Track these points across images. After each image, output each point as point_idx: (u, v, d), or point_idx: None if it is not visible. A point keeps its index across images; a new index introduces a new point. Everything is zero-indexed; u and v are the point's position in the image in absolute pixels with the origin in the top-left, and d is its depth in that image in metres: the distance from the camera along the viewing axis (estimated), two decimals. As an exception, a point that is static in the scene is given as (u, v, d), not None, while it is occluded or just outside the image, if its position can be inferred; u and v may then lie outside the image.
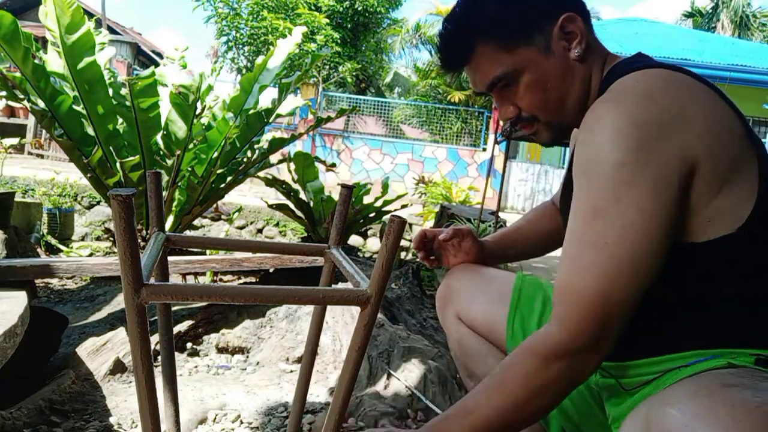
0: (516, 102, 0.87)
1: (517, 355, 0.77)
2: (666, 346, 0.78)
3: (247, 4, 12.73)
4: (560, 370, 0.73)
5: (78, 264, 2.01)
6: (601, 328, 0.71)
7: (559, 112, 0.86)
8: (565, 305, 0.74)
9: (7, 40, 2.13)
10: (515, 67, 0.83)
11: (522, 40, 0.83)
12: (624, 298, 0.71)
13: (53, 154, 9.09)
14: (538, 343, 0.75)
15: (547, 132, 0.89)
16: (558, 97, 0.85)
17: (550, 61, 0.83)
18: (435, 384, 1.69)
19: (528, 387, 0.74)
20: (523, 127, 0.90)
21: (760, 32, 19.49)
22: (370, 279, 0.69)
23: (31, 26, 8.60)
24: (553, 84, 0.84)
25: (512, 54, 0.83)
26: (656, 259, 0.71)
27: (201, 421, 1.56)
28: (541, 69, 0.83)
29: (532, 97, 0.85)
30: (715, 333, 0.75)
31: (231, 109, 2.65)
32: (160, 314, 1.02)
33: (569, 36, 0.83)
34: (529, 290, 1.07)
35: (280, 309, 2.35)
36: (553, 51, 0.83)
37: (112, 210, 0.55)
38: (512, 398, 0.75)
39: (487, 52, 0.84)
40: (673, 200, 0.70)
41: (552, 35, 0.83)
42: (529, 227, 1.23)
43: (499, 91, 0.87)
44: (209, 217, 5.82)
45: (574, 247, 0.75)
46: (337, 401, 0.73)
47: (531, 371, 0.74)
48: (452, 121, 12.26)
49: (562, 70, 0.84)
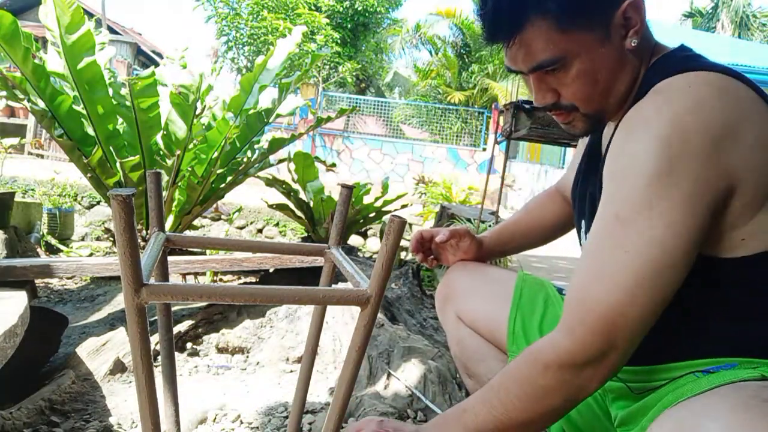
0: (558, 88, 0.79)
1: (520, 361, 0.75)
2: (683, 353, 0.76)
3: (247, 4, 12.73)
4: (563, 381, 0.70)
5: (78, 264, 2.01)
6: (611, 343, 0.68)
7: (602, 104, 0.80)
8: (577, 314, 0.70)
9: (7, 40, 2.13)
10: (568, 52, 0.74)
11: (582, 23, 0.73)
12: (639, 314, 0.67)
13: (53, 154, 9.09)
14: (544, 350, 0.72)
15: (584, 123, 0.82)
16: (605, 89, 0.78)
17: (605, 49, 0.75)
18: (435, 384, 1.69)
19: (527, 395, 0.72)
20: (557, 115, 0.83)
21: (760, 32, 19.49)
22: (370, 279, 0.69)
23: (31, 26, 8.59)
24: (604, 75, 0.77)
25: (568, 37, 0.74)
26: (678, 277, 0.68)
27: (201, 421, 1.56)
28: (595, 57, 0.75)
29: (579, 86, 0.77)
30: (744, 344, 0.72)
31: (231, 109, 2.65)
32: (160, 314, 1.01)
33: (628, 23, 0.75)
34: (531, 290, 1.06)
35: (280, 309, 2.35)
36: (611, 38, 0.75)
37: (112, 210, 0.55)
38: (510, 405, 0.73)
39: (540, 29, 0.74)
40: (705, 218, 0.66)
41: (613, 21, 0.74)
42: (529, 218, 1.20)
43: (541, 75, 0.79)
44: (209, 217, 5.82)
45: (595, 253, 0.72)
46: (337, 401, 0.73)
47: (532, 379, 0.72)
48: (452, 121, 12.26)
49: (616, 61, 0.76)
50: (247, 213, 6.08)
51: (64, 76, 2.50)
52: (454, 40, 13.17)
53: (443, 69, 12.91)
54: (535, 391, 0.72)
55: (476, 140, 12.01)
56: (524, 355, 0.75)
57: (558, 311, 1.03)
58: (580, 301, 0.71)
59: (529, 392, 0.72)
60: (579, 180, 0.96)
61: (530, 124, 3.37)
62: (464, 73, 12.69)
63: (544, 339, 0.75)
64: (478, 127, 12.10)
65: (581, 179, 0.94)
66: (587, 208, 0.88)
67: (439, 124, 12.38)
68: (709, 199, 0.66)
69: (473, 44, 12.60)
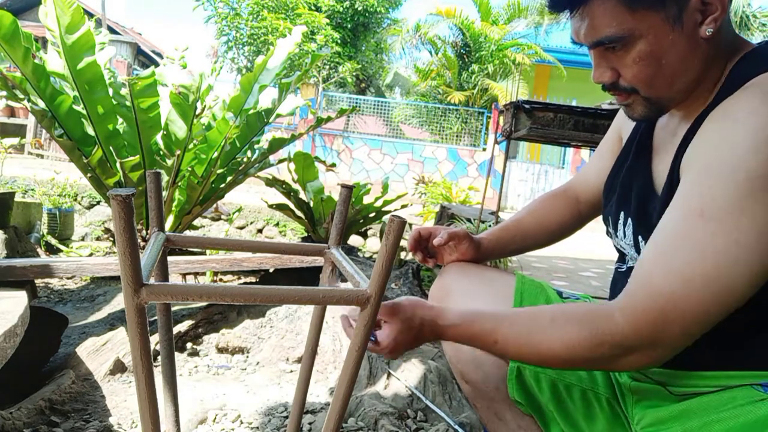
0: (619, 68, 0.76)
1: (573, 313, 0.74)
2: (740, 363, 0.72)
3: (247, 4, 12.73)
4: (603, 354, 0.69)
5: (78, 264, 2.01)
6: (661, 337, 0.66)
7: (664, 91, 0.76)
8: (639, 297, 0.68)
9: (7, 40, 2.13)
10: (633, 31, 0.71)
11: (652, 2, 0.70)
12: (698, 316, 0.64)
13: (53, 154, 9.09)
14: (597, 317, 0.71)
15: (643, 107, 0.78)
16: (669, 76, 0.74)
17: (675, 33, 0.71)
18: (435, 384, 1.69)
19: (562, 347, 0.72)
20: (616, 95, 0.80)
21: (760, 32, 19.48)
22: (370, 279, 0.69)
23: (31, 26, 8.60)
24: (670, 60, 0.72)
25: (635, 15, 0.70)
26: (749, 289, 0.63)
27: (201, 421, 1.56)
28: (663, 41, 0.71)
29: (641, 69, 0.74)
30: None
31: (231, 109, 2.65)
32: (160, 314, 1.01)
33: (707, 9, 0.71)
34: (531, 293, 1.03)
35: (280, 309, 2.35)
36: (682, 22, 0.71)
37: (111, 210, 0.55)
38: (544, 345, 0.73)
39: (607, 3, 0.71)
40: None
41: (688, 4, 0.70)
42: (531, 219, 1.17)
43: (602, 52, 0.76)
44: (209, 217, 5.82)
45: (670, 244, 0.67)
46: (337, 401, 0.73)
47: (573, 338, 0.71)
48: (452, 121, 12.26)
49: (685, 47, 0.72)
50: (247, 213, 6.07)
51: (64, 76, 2.50)
52: (454, 40, 13.17)
53: (443, 69, 12.90)
54: (568, 346, 0.72)
55: (476, 140, 12.01)
56: (578, 310, 0.75)
57: None
58: (644, 285, 0.68)
59: (563, 344, 0.72)
60: (620, 171, 0.92)
61: (530, 124, 3.37)
62: (464, 73, 12.69)
63: (601, 305, 0.74)
64: (478, 127, 12.10)
65: (625, 171, 0.91)
66: (633, 200, 0.85)
67: (439, 124, 12.38)
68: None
69: (473, 44, 12.60)
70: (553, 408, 0.94)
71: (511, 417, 1.00)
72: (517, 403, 0.98)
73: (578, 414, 0.93)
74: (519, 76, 11.24)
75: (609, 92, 0.80)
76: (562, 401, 0.93)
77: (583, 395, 0.92)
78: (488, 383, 1.01)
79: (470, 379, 1.04)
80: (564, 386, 0.93)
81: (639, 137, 0.91)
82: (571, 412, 0.93)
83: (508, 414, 1.00)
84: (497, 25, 12.50)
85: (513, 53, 12.05)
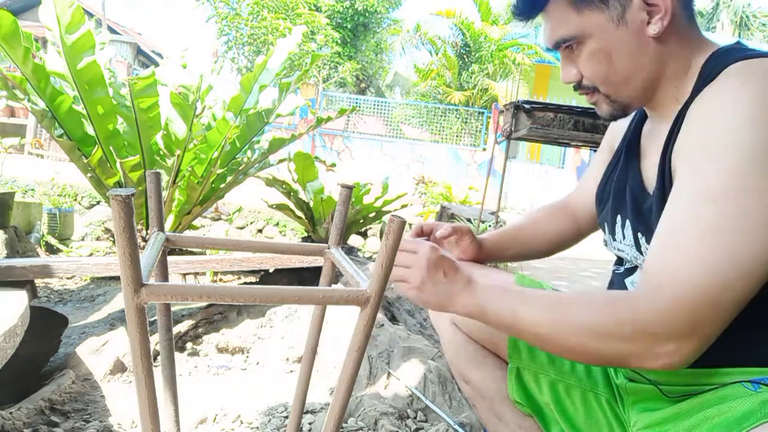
0: (579, 67, 0.82)
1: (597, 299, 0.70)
2: (734, 359, 0.72)
3: (247, 4, 12.73)
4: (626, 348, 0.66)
5: (78, 264, 2.01)
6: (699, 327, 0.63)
7: (622, 88, 0.80)
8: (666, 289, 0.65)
9: (7, 39, 2.13)
10: (581, 31, 0.78)
11: (596, 3, 0.76)
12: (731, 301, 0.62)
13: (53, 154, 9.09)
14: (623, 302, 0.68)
15: (607, 105, 0.84)
16: (623, 72, 0.79)
17: (620, 32, 0.76)
18: (435, 384, 1.69)
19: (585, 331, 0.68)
20: (584, 94, 0.85)
21: (760, 32, 19.48)
22: (370, 279, 0.69)
23: (31, 26, 8.59)
24: (619, 57, 0.77)
25: (581, 15, 0.77)
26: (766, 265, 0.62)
27: (201, 421, 1.56)
28: (609, 39, 0.77)
29: (594, 66, 0.80)
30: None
31: (231, 109, 2.65)
32: (160, 314, 1.01)
33: (652, 9, 0.75)
34: None
35: (280, 309, 2.35)
36: (627, 22, 0.76)
37: (111, 210, 0.55)
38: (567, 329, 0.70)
39: (559, 6, 0.79)
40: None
41: (631, 4, 0.75)
42: (532, 228, 1.18)
43: (564, 52, 0.83)
44: (209, 217, 5.82)
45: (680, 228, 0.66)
46: (337, 401, 0.73)
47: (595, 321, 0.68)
48: (452, 121, 12.26)
49: (633, 45, 0.77)
50: (247, 213, 6.08)
51: (64, 76, 2.50)
52: (454, 40, 13.17)
53: (443, 69, 12.91)
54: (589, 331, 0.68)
55: (476, 140, 12.01)
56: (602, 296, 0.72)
57: None
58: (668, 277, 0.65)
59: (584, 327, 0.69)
60: (611, 178, 0.94)
61: (530, 124, 3.37)
62: (464, 73, 12.69)
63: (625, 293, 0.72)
64: (478, 127, 12.10)
65: (616, 177, 0.92)
66: (628, 202, 0.86)
67: (439, 124, 12.38)
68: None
69: (473, 44, 12.60)
70: (553, 409, 0.94)
71: (511, 418, 1.00)
72: (516, 404, 0.98)
73: (578, 415, 0.93)
74: (519, 76, 11.24)
75: (578, 92, 0.85)
76: (561, 402, 0.94)
77: (583, 396, 0.92)
78: (488, 383, 1.02)
79: (470, 379, 1.05)
80: (564, 387, 0.94)
81: (627, 144, 0.93)
82: (571, 413, 0.93)
83: (508, 414, 1.01)
84: (497, 25, 12.50)
85: (513, 53, 12.06)
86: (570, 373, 0.94)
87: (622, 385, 0.89)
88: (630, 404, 0.87)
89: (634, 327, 0.65)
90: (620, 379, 0.90)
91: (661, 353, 0.65)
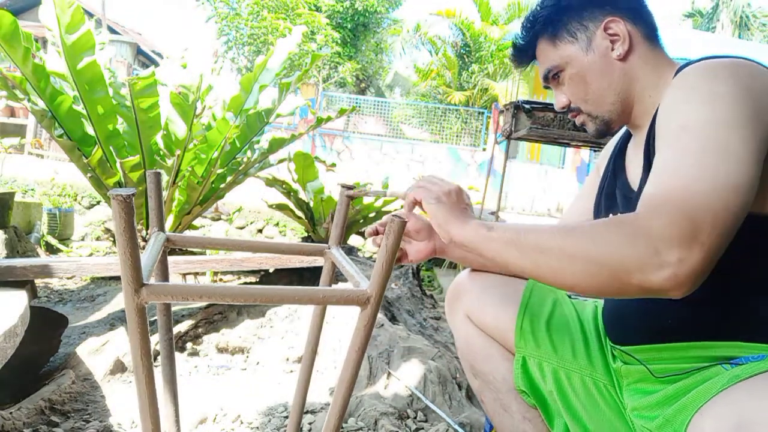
0: (565, 92, 0.97)
1: (600, 220, 0.72)
2: (714, 333, 0.78)
3: (247, 4, 12.74)
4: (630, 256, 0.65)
5: (78, 264, 2.01)
6: (699, 232, 0.63)
7: (599, 106, 0.93)
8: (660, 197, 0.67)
9: (7, 39, 2.13)
10: (560, 60, 0.94)
11: (567, 38, 0.93)
12: (722, 208, 0.64)
13: (53, 154, 9.08)
14: (626, 217, 0.69)
15: (591, 123, 0.96)
16: (598, 90, 0.92)
17: (589, 57, 0.92)
18: (435, 384, 1.69)
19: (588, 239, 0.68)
20: (572, 116, 0.99)
21: (760, 32, 19.48)
22: (370, 279, 0.69)
23: (31, 26, 8.59)
24: (592, 78, 0.92)
25: (558, 48, 0.94)
26: (751, 190, 0.67)
27: (201, 421, 1.56)
28: (581, 64, 0.92)
29: (573, 89, 0.95)
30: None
31: (231, 109, 2.65)
32: (160, 314, 1.01)
33: (613, 38, 0.91)
34: (541, 291, 1.07)
35: (280, 309, 2.35)
36: (594, 48, 0.92)
37: (112, 210, 0.55)
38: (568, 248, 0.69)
39: (542, 47, 0.97)
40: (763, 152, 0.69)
41: (595, 35, 0.91)
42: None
43: (553, 82, 0.98)
44: (209, 217, 5.82)
45: (667, 163, 0.71)
46: (337, 401, 0.73)
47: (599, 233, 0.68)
48: (452, 121, 12.26)
49: (601, 67, 0.91)
50: (247, 213, 6.07)
51: (64, 76, 2.50)
52: (454, 40, 13.18)
53: (443, 69, 12.91)
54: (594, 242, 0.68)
55: (476, 140, 12.01)
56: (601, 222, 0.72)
57: (566, 312, 1.05)
58: (660, 188, 0.68)
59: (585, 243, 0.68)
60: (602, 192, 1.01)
61: (530, 124, 3.37)
62: (464, 73, 12.70)
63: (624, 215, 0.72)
64: (478, 127, 12.10)
65: (605, 188, 1.00)
66: (619, 202, 0.95)
67: (439, 124, 12.38)
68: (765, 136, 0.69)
69: (473, 44, 12.60)
70: (556, 397, 0.99)
71: (516, 408, 1.06)
72: (522, 393, 1.04)
73: (579, 402, 0.98)
74: (519, 76, 11.24)
75: (569, 116, 0.99)
76: (563, 389, 0.99)
77: (583, 383, 0.98)
78: (496, 374, 1.07)
79: (479, 371, 1.10)
80: (566, 374, 0.99)
81: (614, 160, 1.01)
82: (573, 401, 0.98)
83: (514, 405, 1.06)
84: (497, 25, 12.50)
85: (513, 53, 12.03)
86: (572, 360, 0.99)
87: (617, 369, 0.94)
88: (625, 387, 0.92)
89: (636, 232, 0.65)
90: (616, 363, 0.95)
91: (667, 262, 0.63)
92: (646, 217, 0.66)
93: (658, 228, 0.64)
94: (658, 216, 0.65)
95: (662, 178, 0.70)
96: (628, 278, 0.65)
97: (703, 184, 0.66)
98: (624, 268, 0.65)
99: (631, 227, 0.66)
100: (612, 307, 0.96)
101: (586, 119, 0.96)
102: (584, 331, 1.02)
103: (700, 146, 0.69)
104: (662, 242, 0.64)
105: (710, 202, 0.65)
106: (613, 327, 0.95)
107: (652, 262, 0.64)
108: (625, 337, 0.91)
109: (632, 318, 0.89)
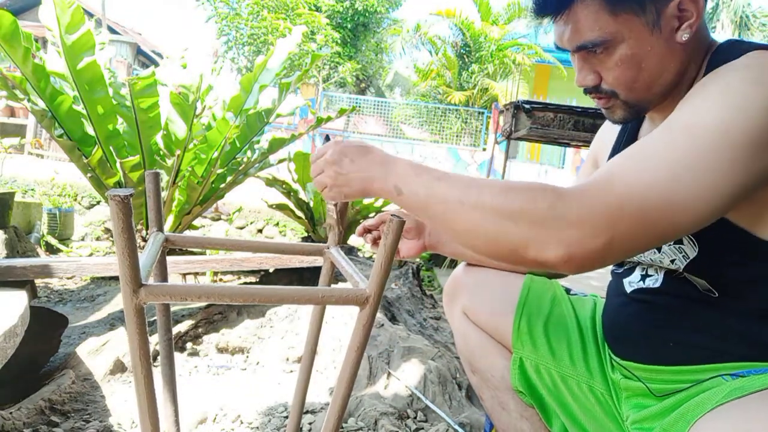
0: (601, 71, 0.78)
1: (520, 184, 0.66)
2: (712, 356, 0.75)
3: (247, 4, 12.74)
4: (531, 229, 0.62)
5: (78, 264, 2.01)
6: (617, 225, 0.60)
7: (643, 93, 0.78)
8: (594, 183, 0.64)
9: (7, 39, 2.13)
10: (615, 35, 0.74)
11: (632, 7, 0.73)
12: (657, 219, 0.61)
13: (53, 154, 9.08)
14: (548, 187, 0.64)
15: (623, 111, 0.81)
16: (648, 79, 0.76)
17: (653, 38, 0.74)
18: (435, 384, 1.69)
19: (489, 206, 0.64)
20: (597, 99, 0.82)
21: (760, 32, 19.48)
22: (369, 279, 0.69)
23: (31, 26, 8.59)
24: (649, 64, 0.75)
25: (616, 19, 0.73)
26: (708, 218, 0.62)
27: (201, 421, 1.56)
28: (642, 45, 0.74)
29: (622, 72, 0.76)
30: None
31: (231, 109, 2.65)
32: (159, 314, 1.01)
33: (683, 15, 0.74)
34: (538, 289, 1.06)
35: (280, 309, 2.35)
36: (660, 27, 0.73)
37: (110, 210, 0.55)
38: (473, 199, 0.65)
39: (590, 8, 0.74)
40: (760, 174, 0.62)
41: (666, 10, 0.73)
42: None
43: (585, 55, 0.78)
44: (209, 217, 5.82)
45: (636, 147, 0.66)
46: (337, 401, 0.73)
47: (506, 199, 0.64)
48: (452, 121, 12.26)
49: (663, 52, 0.75)
50: (247, 213, 6.07)
51: (64, 76, 2.50)
52: (454, 40, 13.17)
53: (443, 69, 12.91)
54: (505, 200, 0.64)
55: (476, 140, 12.01)
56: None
57: (564, 312, 1.04)
58: (604, 175, 0.64)
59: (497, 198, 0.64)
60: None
61: (530, 124, 3.37)
62: (464, 73, 12.69)
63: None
64: (478, 127, 12.10)
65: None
66: None
67: (439, 124, 12.38)
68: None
69: (473, 44, 12.60)
70: (553, 399, 0.98)
71: (514, 407, 1.05)
72: (519, 393, 1.03)
73: (576, 405, 0.96)
74: (519, 76, 11.25)
75: (590, 96, 0.82)
76: (561, 393, 0.98)
77: (579, 388, 0.96)
78: (494, 372, 1.06)
79: (477, 368, 1.09)
80: (563, 378, 0.98)
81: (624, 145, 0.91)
82: (570, 403, 0.97)
83: (511, 403, 1.05)
84: (497, 25, 12.50)
85: (513, 53, 12.06)
86: (570, 366, 0.97)
87: (617, 380, 0.91)
88: (624, 399, 0.90)
89: (549, 207, 0.61)
90: (615, 374, 0.92)
91: (565, 240, 0.61)
92: (571, 194, 0.62)
93: (575, 207, 0.61)
94: (583, 196, 0.62)
95: (627, 164, 0.64)
96: (524, 249, 0.63)
97: (657, 194, 0.61)
98: (521, 240, 0.63)
99: (548, 202, 0.62)
100: (613, 319, 0.92)
101: (617, 105, 0.80)
102: (582, 335, 1.00)
103: (682, 155, 0.62)
104: (570, 223, 0.61)
105: (647, 208, 0.60)
106: (615, 340, 0.92)
107: (551, 240, 0.61)
108: (625, 353, 0.88)
109: (634, 336, 0.86)
